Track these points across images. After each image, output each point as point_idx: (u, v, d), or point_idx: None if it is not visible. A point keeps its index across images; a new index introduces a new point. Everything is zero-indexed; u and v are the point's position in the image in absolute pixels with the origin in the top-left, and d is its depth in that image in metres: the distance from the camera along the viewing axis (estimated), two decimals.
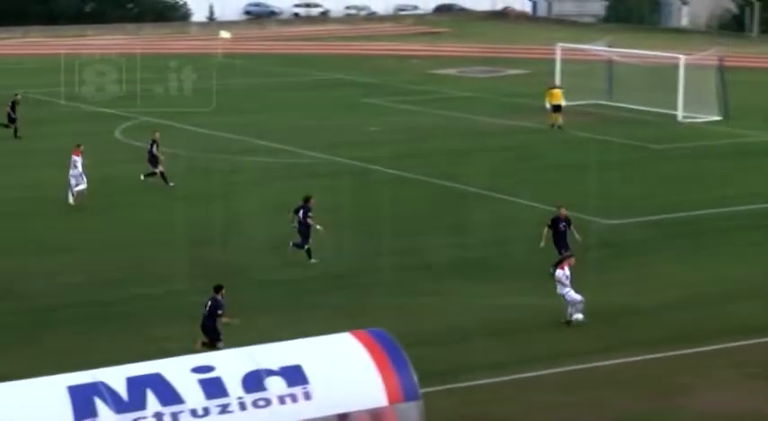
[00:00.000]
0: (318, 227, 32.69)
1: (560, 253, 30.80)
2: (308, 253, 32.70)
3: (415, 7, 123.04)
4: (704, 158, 48.04)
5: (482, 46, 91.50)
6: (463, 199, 40.92)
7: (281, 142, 50.46)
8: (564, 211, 31.71)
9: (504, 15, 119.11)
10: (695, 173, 45.07)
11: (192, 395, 17.35)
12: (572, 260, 28.37)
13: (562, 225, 31.52)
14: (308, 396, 17.78)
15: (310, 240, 32.63)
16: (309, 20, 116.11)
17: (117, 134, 52.27)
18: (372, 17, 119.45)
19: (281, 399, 17.66)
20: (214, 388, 17.47)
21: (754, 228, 36.68)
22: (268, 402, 17.57)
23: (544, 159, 47.65)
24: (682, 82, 57.05)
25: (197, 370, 17.73)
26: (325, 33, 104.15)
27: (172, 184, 41.59)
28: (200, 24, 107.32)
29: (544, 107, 55.90)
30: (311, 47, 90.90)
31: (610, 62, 63.63)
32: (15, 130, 50.72)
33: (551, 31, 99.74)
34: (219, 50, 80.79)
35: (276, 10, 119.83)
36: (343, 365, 18.35)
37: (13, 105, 51.34)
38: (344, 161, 47.30)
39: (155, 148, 42.03)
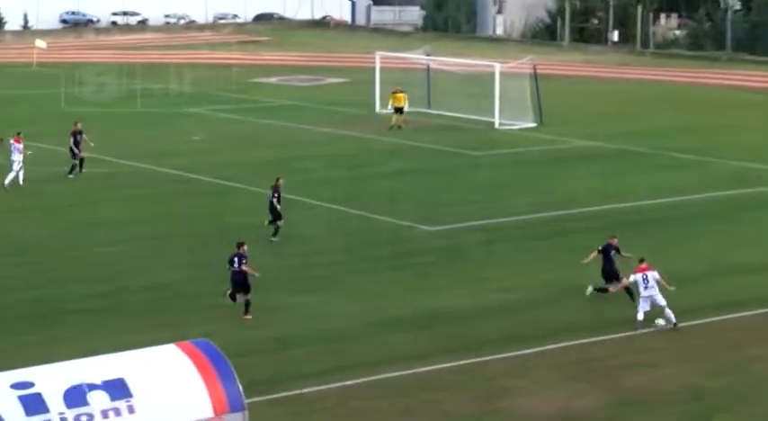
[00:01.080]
0: (278, 206, 35.95)
1: (607, 280, 29.86)
2: (276, 230, 35.74)
3: (235, 16, 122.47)
4: (521, 164, 48.81)
5: (302, 55, 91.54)
6: (287, 208, 40.73)
7: (103, 152, 49.38)
8: (615, 241, 30.46)
9: (323, 24, 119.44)
10: (513, 179, 45.74)
11: (12, 412, 16.80)
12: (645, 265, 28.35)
13: (612, 252, 30.27)
14: (132, 409, 17.40)
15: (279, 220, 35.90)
16: (128, 28, 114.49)
17: None
18: (192, 26, 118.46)
19: (105, 414, 17.24)
20: (34, 404, 16.95)
21: (572, 232, 37.34)
22: (91, 417, 17.13)
23: (367, 167, 47.80)
24: (497, 89, 57.91)
25: (16, 386, 17.18)
26: (145, 42, 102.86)
27: (70, 176, 44.25)
28: (15, 33, 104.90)
29: (388, 109, 57.92)
30: (131, 56, 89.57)
31: (428, 70, 64.27)
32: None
33: (371, 39, 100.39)
34: (35, 59, 79.01)
35: (93, 18, 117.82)
36: (167, 377, 18.01)
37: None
38: (167, 171, 46.67)
39: (78, 138, 44.23)
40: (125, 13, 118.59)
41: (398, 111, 57.33)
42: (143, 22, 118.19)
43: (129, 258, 34.02)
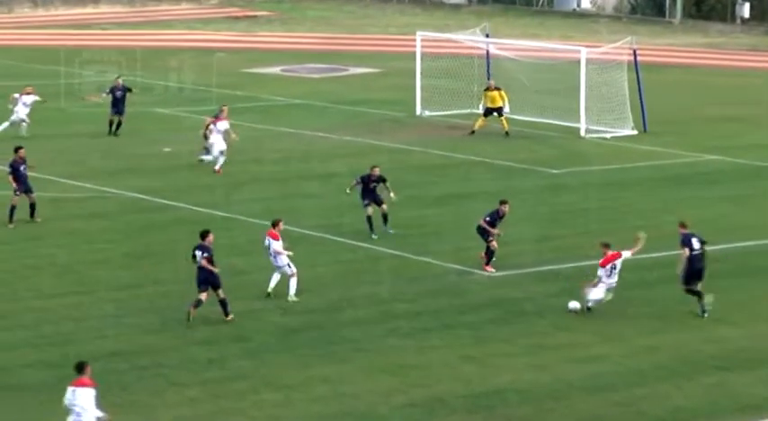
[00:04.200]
0: (392, 195, 41.81)
1: None
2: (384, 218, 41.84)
3: None
4: (616, 187, 48.84)
5: (316, 35, 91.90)
6: (296, 244, 40.91)
7: (47, 170, 48.98)
8: None
9: None
10: (604, 206, 45.75)
11: None
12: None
13: None
14: None
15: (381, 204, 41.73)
16: (75, 1, 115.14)
17: None
18: None
19: None
20: None
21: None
22: None
23: (405, 189, 47.73)
24: (584, 84, 57.97)
25: None
26: (98, 19, 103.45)
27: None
28: None
29: (479, 109, 59.42)
30: (79, 37, 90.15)
31: (488, 57, 64.43)
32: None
33: (409, 14, 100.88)
34: None
35: None
36: None
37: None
38: (129, 194, 46.89)
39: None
40: None
41: (491, 112, 57.98)
42: None
43: (80, 315, 34.17)
